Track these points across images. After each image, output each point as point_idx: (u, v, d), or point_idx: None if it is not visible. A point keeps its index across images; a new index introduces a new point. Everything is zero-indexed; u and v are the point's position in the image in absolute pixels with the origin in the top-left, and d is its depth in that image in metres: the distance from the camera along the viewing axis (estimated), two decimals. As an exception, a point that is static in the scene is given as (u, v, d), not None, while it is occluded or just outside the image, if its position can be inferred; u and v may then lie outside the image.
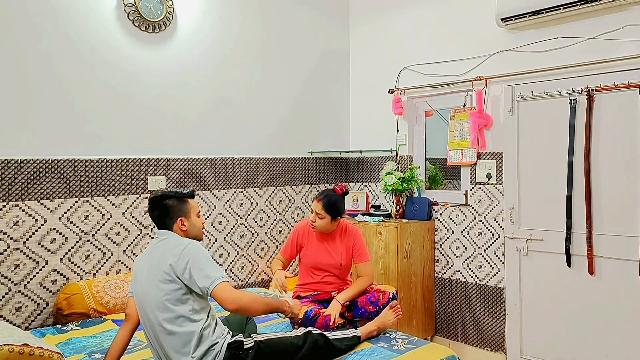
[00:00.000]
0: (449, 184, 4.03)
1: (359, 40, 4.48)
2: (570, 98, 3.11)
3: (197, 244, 2.12)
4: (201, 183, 3.63)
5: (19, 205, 2.86)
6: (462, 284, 3.77)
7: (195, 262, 2.03)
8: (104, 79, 3.17)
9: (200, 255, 2.06)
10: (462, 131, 3.70)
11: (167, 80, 3.45)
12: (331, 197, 2.85)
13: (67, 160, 3.04)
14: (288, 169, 4.15)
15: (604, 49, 3.01)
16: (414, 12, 4.02)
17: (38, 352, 2.05)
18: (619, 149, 2.97)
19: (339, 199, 2.88)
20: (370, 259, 2.97)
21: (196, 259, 2.04)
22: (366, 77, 4.42)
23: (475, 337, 3.71)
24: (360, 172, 4.51)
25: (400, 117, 4.11)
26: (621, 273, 2.96)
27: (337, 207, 2.86)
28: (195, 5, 3.58)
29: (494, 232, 3.56)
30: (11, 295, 2.85)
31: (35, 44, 2.90)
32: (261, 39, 3.95)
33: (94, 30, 3.11)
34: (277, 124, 4.08)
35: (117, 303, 3.00)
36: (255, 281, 3.95)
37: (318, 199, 2.87)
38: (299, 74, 4.21)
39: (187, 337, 2.05)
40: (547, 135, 3.24)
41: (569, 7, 2.99)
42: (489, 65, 3.53)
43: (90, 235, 3.13)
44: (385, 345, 2.51)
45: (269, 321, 2.90)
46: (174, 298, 2.05)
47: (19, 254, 2.87)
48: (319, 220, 2.86)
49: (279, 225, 4.09)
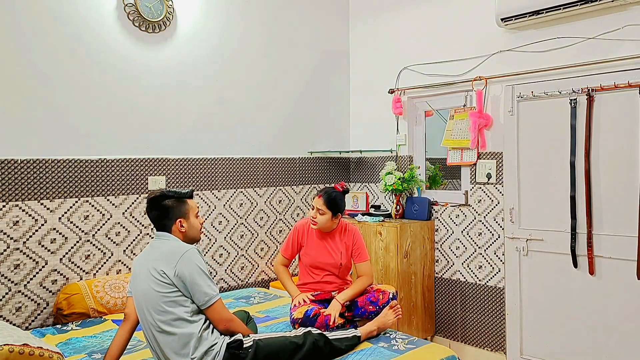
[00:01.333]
0: (449, 184, 4.03)
1: (359, 40, 4.48)
2: (571, 98, 3.11)
3: (193, 253, 2.11)
4: (201, 183, 3.63)
5: (19, 205, 2.86)
6: (462, 284, 3.77)
7: (193, 277, 2.05)
8: (104, 79, 3.17)
9: (198, 268, 2.08)
10: (460, 130, 3.70)
11: (167, 80, 3.45)
12: (332, 194, 2.87)
13: (67, 160, 3.04)
14: (288, 169, 4.15)
15: (604, 49, 3.01)
16: (414, 12, 4.02)
17: (38, 352, 2.05)
18: (619, 149, 2.97)
19: (339, 195, 2.90)
20: (369, 259, 2.98)
21: (193, 272, 2.06)
22: (366, 77, 4.42)
23: (475, 337, 3.71)
24: (360, 172, 4.51)
25: (400, 117, 4.11)
26: (621, 273, 2.96)
27: (337, 203, 2.88)
28: (196, 6, 3.58)
29: (494, 232, 3.56)
30: (11, 295, 2.85)
31: (35, 44, 2.90)
32: (261, 39, 3.95)
33: (94, 30, 3.12)
34: (277, 124, 4.08)
35: (117, 303, 3.00)
36: (255, 281, 3.95)
37: (319, 195, 2.89)
38: (299, 74, 4.21)
39: (186, 339, 2.05)
40: (547, 135, 3.24)
41: (569, 7, 2.99)
42: (489, 65, 3.53)
43: (90, 235, 3.13)
44: (385, 345, 2.51)
45: (269, 321, 2.90)
46: (170, 300, 2.05)
47: (19, 254, 2.87)
48: (320, 216, 2.86)
49: (279, 225, 4.09)
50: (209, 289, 2.09)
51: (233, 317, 2.19)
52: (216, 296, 2.10)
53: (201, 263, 2.10)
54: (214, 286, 2.12)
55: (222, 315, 2.13)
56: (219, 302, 2.11)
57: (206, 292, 2.08)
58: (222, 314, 2.13)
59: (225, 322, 2.14)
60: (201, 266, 2.09)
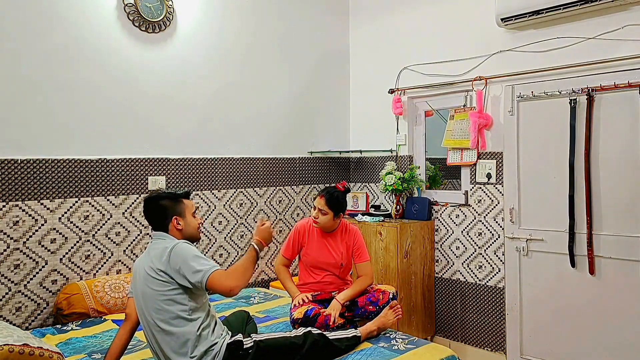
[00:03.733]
0: (449, 184, 4.03)
1: (359, 40, 4.48)
2: (571, 98, 3.11)
3: (183, 244, 2.10)
4: (201, 183, 3.63)
5: (19, 205, 2.86)
6: (462, 284, 3.77)
7: (185, 263, 2.03)
8: (104, 79, 3.16)
9: (188, 255, 2.05)
10: (460, 131, 3.70)
11: (167, 80, 3.45)
12: (333, 193, 2.88)
13: (67, 160, 3.04)
14: (288, 169, 4.15)
15: (604, 49, 3.01)
16: (414, 12, 4.02)
17: (38, 352, 2.05)
18: (619, 149, 2.97)
19: (341, 195, 2.91)
20: (370, 259, 2.98)
21: (185, 260, 2.04)
22: (366, 77, 4.42)
23: (475, 337, 3.71)
24: (360, 172, 4.51)
25: (400, 117, 4.11)
26: (622, 273, 2.96)
27: (339, 203, 2.88)
28: (195, 5, 3.58)
29: (494, 232, 3.56)
30: (11, 295, 2.85)
31: (35, 44, 2.90)
32: (261, 39, 3.95)
33: (94, 30, 3.11)
34: (277, 124, 4.08)
35: (117, 303, 3.00)
36: (255, 281, 3.95)
37: (321, 195, 2.89)
38: (299, 74, 4.21)
39: (184, 338, 2.05)
40: (547, 135, 3.24)
41: (569, 7, 2.99)
42: (489, 65, 3.53)
43: (90, 235, 3.13)
44: (385, 345, 2.51)
45: (269, 321, 2.90)
46: (168, 298, 2.05)
47: (19, 254, 2.87)
48: (321, 216, 2.87)
49: (279, 225, 4.09)
50: (201, 265, 2.03)
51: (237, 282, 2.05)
52: (210, 269, 2.01)
53: (192, 249, 2.07)
54: (208, 261, 2.05)
55: (224, 284, 2.01)
56: (215, 273, 2.01)
57: (199, 269, 2.02)
58: (224, 283, 2.01)
59: (230, 290, 2.02)
60: (192, 251, 2.06)
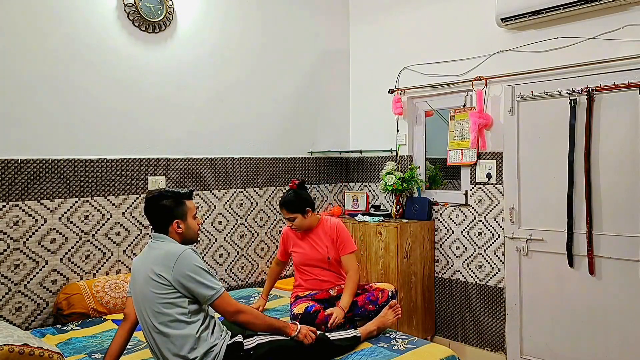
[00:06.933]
0: (449, 184, 4.03)
1: (359, 40, 4.48)
2: (571, 98, 3.11)
3: (189, 253, 2.08)
4: (201, 183, 3.63)
5: (19, 205, 2.86)
6: (462, 284, 3.77)
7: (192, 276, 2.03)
8: (103, 79, 3.16)
9: (196, 267, 2.05)
10: (462, 131, 3.70)
11: (167, 80, 3.45)
12: (287, 197, 2.92)
13: (67, 160, 3.04)
14: (288, 169, 4.15)
15: (604, 49, 3.01)
16: (414, 12, 4.02)
17: (38, 352, 2.05)
18: (619, 149, 2.97)
19: (293, 194, 2.93)
20: (355, 250, 2.98)
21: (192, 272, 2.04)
22: (366, 77, 4.42)
23: (475, 337, 3.71)
24: (360, 172, 4.51)
25: (400, 117, 4.11)
26: (621, 273, 2.96)
27: (296, 202, 2.91)
28: (195, 6, 3.58)
29: (494, 232, 3.56)
30: (11, 295, 2.85)
31: (35, 43, 2.90)
32: (261, 39, 3.95)
33: (94, 30, 3.11)
34: (277, 124, 4.08)
35: (117, 303, 3.00)
36: (255, 281, 3.95)
37: (280, 207, 2.96)
38: (299, 74, 4.21)
39: (183, 340, 2.04)
40: (547, 135, 3.24)
41: (569, 7, 2.99)
42: (489, 65, 3.53)
43: (90, 235, 3.13)
44: (385, 345, 2.51)
45: (269, 321, 2.90)
46: (167, 302, 2.03)
47: (19, 254, 2.87)
48: (294, 223, 2.94)
49: (279, 225, 4.09)
50: (211, 283, 2.06)
51: (241, 308, 2.13)
52: (219, 291, 2.07)
53: (198, 262, 2.08)
54: (216, 281, 2.09)
55: (228, 308, 2.09)
56: (222, 296, 2.08)
57: (208, 288, 2.05)
58: (228, 307, 2.10)
59: (233, 314, 2.10)
60: (199, 264, 2.07)
